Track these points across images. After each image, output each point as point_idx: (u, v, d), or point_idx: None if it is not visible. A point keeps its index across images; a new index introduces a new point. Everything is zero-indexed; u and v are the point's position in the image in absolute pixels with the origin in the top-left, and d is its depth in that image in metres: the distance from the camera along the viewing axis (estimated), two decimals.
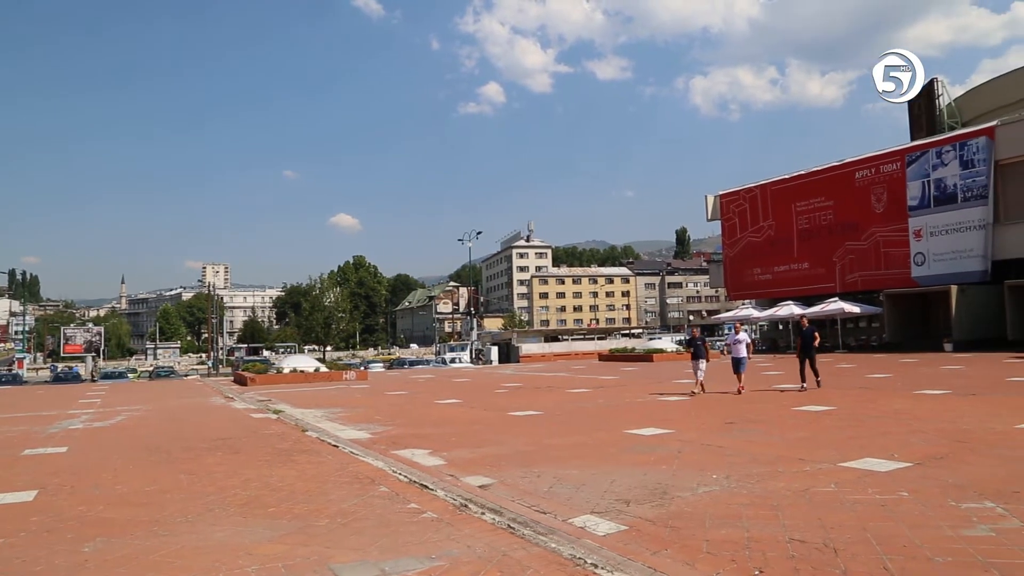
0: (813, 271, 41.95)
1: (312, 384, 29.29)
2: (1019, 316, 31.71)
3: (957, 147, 35.14)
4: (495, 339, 67.06)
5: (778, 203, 44.18)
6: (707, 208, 50.30)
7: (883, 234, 37.97)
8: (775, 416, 12.49)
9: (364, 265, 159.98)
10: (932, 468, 7.43)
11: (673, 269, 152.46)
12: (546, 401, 17.68)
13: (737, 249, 47.46)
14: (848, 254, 39.91)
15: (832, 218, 40.82)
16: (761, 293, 46.68)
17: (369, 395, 22.64)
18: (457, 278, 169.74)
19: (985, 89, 46.86)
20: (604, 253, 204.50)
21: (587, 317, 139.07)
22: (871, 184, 38.73)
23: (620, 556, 5.00)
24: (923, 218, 36.11)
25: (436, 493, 7.37)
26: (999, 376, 18.61)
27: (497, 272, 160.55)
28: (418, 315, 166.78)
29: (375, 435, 12.33)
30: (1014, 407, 12.16)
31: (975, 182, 34.11)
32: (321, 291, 67.92)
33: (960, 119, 45.31)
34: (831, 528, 5.41)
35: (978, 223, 33.93)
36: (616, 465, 8.44)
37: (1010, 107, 40.96)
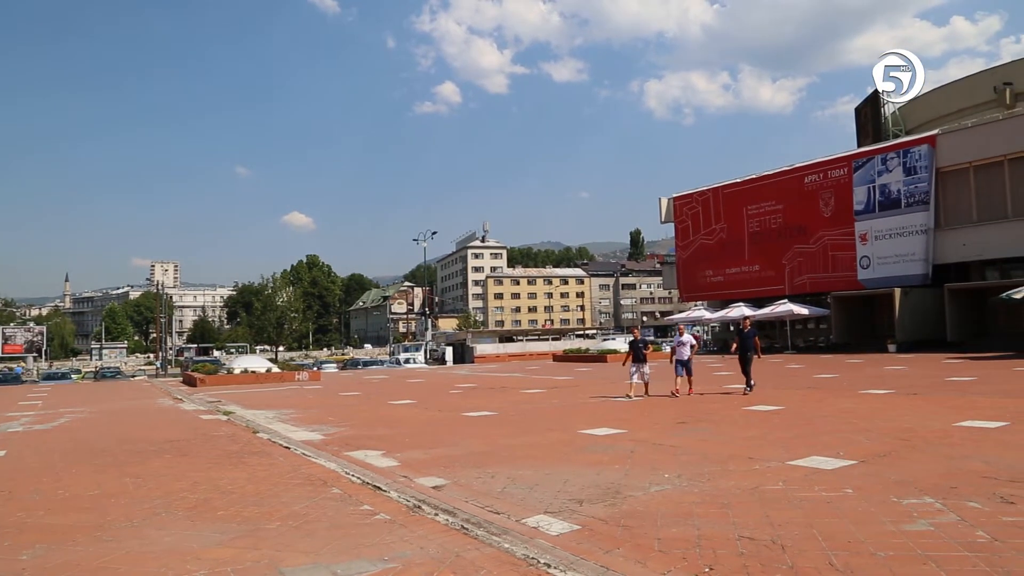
0: (763, 273, 42.74)
1: (264, 385, 28.84)
2: (958, 318, 32.74)
3: (901, 154, 36.16)
4: (450, 339, 66.89)
5: (730, 206, 44.91)
6: (661, 210, 50.90)
7: (831, 238, 38.87)
8: (726, 416, 12.69)
9: (318, 264, 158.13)
10: (876, 466, 7.63)
11: (627, 270, 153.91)
12: (500, 402, 17.69)
13: (690, 251, 48.11)
14: (797, 257, 40.77)
15: (782, 221, 41.65)
16: (713, 295, 47.40)
17: (322, 396, 22.37)
18: (412, 278, 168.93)
19: (927, 99, 48.34)
20: (559, 254, 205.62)
21: (542, 318, 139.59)
22: (819, 189, 39.62)
23: (573, 555, 5.03)
24: (868, 222, 37.07)
25: (389, 495, 7.32)
26: (939, 376, 19.19)
27: (452, 272, 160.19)
28: (372, 315, 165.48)
29: (328, 436, 12.20)
30: (953, 406, 12.55)
31: (917, 188, 35.14)
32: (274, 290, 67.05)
33: (904, 127, 46.65)
34: (779, 525, 5.52)
35: (920, 228, 34.96)
36: (570, 465, 8.49)
37: (950, 116, 42.34)
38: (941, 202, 34.67)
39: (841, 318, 37.77)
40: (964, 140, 34.44)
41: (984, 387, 16.04)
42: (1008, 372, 19.56)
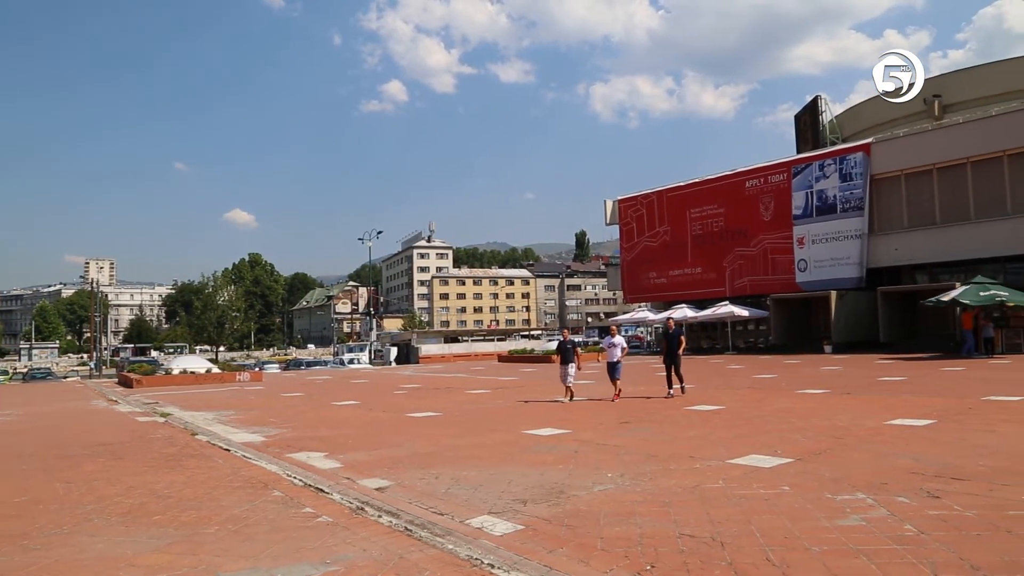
0: (705, 275, 43.50)
1: (203, 386, 28.20)
2: (890, 320, 33.83)
3: (837, 161, 37.22)
4: (395, 340, 66.48)
5: (674, 209, 45.60)
6: (606, 212, 51.38)
7: (770, 241, 39.78)
8: (668, 415, 12.89)
9: (260, 263, 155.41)
10: (811, 463, 7.84)
11: (572, 271, 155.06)
12: (445, 402, 17.64)
13: (634, 253, 48.69)
14: (738, 259, 41.61)
15: (723, 225, 42.45)
16: (656, 296, 48.05)
17: (264, 397, 21.99)
18: (357, 278, 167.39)
19: (862, 108, 49.91)
20: (505, 255, 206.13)
21: (487, 318, 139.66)
22: (760, 193, 40.52)
23: (516, 555, 5.05)
24: (806, 227, 38.05)
25: (332, 496, 7.24)
26: (872, 376, 19.81)
27: (398, 272, 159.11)
28: (316, 315, 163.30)
29: (269, 438, 12.00)
30: (884, 405, 12.97)
31: (853, 194, 36.22)
32: (214, 289, 65.48)
33: (840, 135, 48.04)
34: (719, 522, 5.63)
35: (855, 233, 36.04)
36: (514, 465, 8.51)
37: (884, 126, 43.78)
38: (875, 208, 35.80)
39: (780, 320, 38.68)
40: (896, 149, 35.66)
41: (913, 387, 16.62)
42: (936, 372, 20.31)
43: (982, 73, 43.35)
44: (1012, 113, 32.11)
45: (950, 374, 19.50)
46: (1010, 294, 26.14)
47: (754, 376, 21.89)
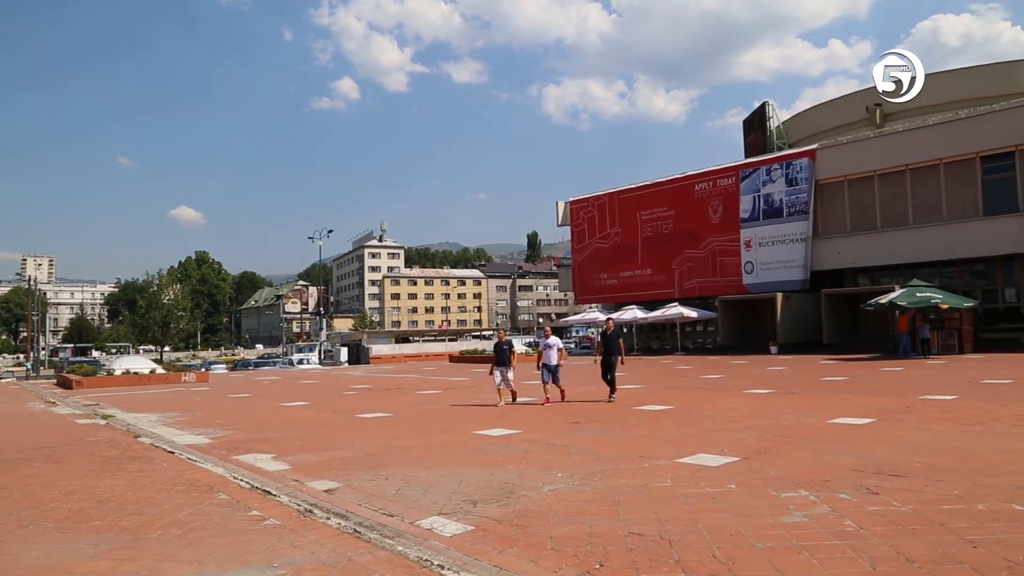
0: (655, 277, 44.03)
1: (147, 387, 27.52)
2: (833, 322, 34.69)
3: (784, 166, 38.05)
4: (345, 340, 65.79)
5: (625, 211, 46.05)
6: (558, 213, 51.67)
7: (718, 243, 40.46)
8: (618, 415, 13.01)
9: (207, 261, 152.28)
10: (757, 462, 8.00)
11: (524, 272, 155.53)
12: (395, 403, 17.53)
13: (585, 254, 49.05)
14: (687, 261, 42.22)
15: (673, 227, 43.02)
16: (607, 297, 48.47)
17: (210, 398, 21.57)
18: (307, 277, 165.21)
19: (808, 115, 51.18)
20: (457, 255, 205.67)
21: (439, 318, 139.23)
22: (709, 196, 41.18)
23: (466, 556, 5.05)
24: (753, 230, 38.80)
25: (279, 499, 7.13)
26: (815, 376, 20.30)
27: (348, 272, 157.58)
28: (265, 314, 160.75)
29: (215, 440, 11.77)
30: (827, 404, 13.30)
31: (798, 199, 37.07)
32: (159, 287, 64.05)
33: (787, 140, 49.15)
34: (667, 521, 5.71)
35: (800, 236, 36.88)
36: (464, 466, 8.51)
37: (828, 132, 44.92)
38: (819, 212, 36.67)
39: (727, 321, 39.37)
40: (840, 155, 36.59)
41: (855, 386, 17.08)
42: (876, 373, 20.90)
43: None
44: (948, 123, 33.25)
45: (889, 374, 20.09)
46: (944, 296, 27.05)
47: (702, 376, 22.23)
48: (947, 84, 42.19)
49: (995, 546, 4.74)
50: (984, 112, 32.63)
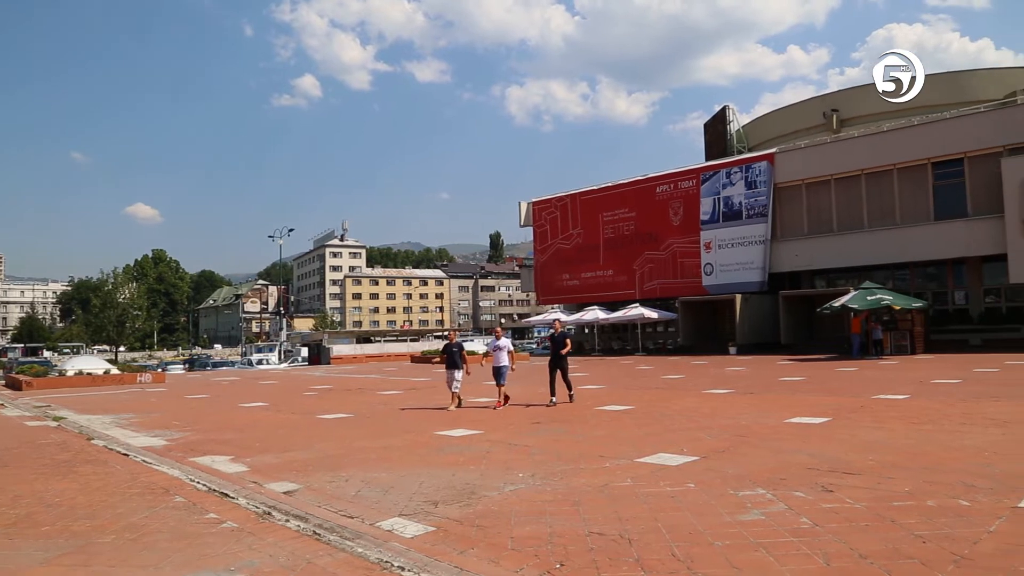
0: (617, 278, 44.35)
1: (101, 388, 26.92)
2: (791, 323, 35.31)
3: (744, 169, 38.63)
4: (305, 340, 65.11)
5: (587, 212, 46.31)
6: (520, 214, 51.76)
7: (679, 245, 40.91)
8: (578, 415, 13.08)
9: (164, 259, 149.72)
10: (716, 461, 8.11)
11: (486, 272, 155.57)
12: (356, 403, 17.40)
13: (548, 255, 49.21)
14: (648, 263, 42.60)
15: (634, 228, 43.38)
16: (569, 298, 48.70)
17: (166, 399, 21.18)
18: (267, 276, 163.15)
19: (767, 119, 51.99)
20: (419, 255, 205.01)
21: (400, 319, 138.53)
22: (670, 198, 41.61)
23: (427, 557, 5.03)
24: (713, 232, 39.31)
25: (237, 501, 7.04)
26: (773, 377, 20.63)
27: (309, 271, 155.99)
28: (223, 314, 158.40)
29: (171, 442, 11.56)
30: (784, 404, 13.53)
31: (757, 201, 37.65)
32: (115, 286, 62.62)
33: (747, 144, 49.87)
34: (627, 520, 5.75)
35: (759, 238, 37.47)
36: (425, 467, 8.48)
37: (787, 137, 45.70)
38: (777, 215, 37.31)
39: (688, 322, 39.81)
40: (797, 159, 37.27)
41: (811, 387, 17.40)
42: (832, 373, 21.31)
43: (874, 91, 45.69)
44: (901, 129, 34.12)
45: (844, 374, 20.49)
46: (895, 298, 27.71)
47: (663, 377, 22.44)
48: None
49: (943, 541, 4.87)
50: (935, 120, 33.52)
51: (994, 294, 32.64)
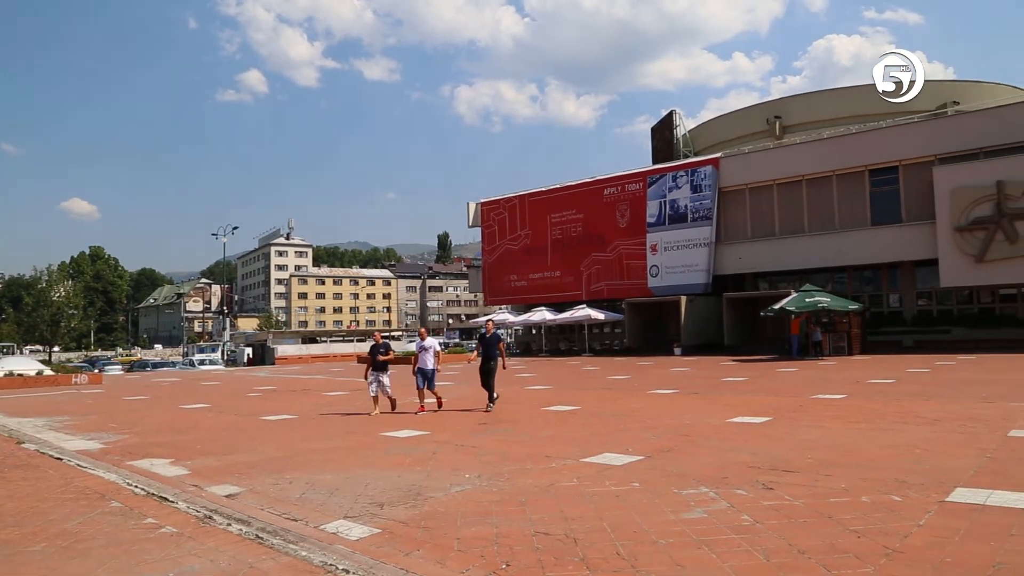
0: (564, 279, 44.63)
1: (33, 390, 26.02)
2: (734, 324, 36.03)
3: (689, 173, 39.27)
4: (249, 340, 64.03)
5: (535, 214, 46.50)
6: (468, 215, 51.69)
7: (625, 247, 41.37)
8: (526, 416, 13.13)
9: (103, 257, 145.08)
10: (660, 460, 8.23)
11: (434, 273, 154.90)
12: (301, 404, 17.17)
13: (496, 256, 49.27)
14: (595, 264, 42.97)
15: (582, 230, 43.72)
16: (517, 299, 48.83)
17: (103, 400, 20.57)
18: (210, 275, 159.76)
19: (712, 124, 53.01)
20: (366, 254, 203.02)
21: (347, 319, 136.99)
22: (617, 201, 42.05)
23: (372, 559, 4.99)
24: (659, 234, 39.86)
25: (177, 505, 6.87)
26: (717, 377, 21.01)
27: (254, 270, 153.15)
28: (165, 313, 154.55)
29: (108, 445, 11.23)
30: (727, 404, 13.80)
31: (702, 205, 38.32)
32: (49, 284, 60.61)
33: (693, 148, 50.70)
34: (573, 520, 5.80)
35: (704, 241, 38.13)
36: (371, 468, 8.41)
37: (731, 142, 46.64)
38: (722, 219, 38.03)
39: (634, 323, 40.29)
40: (742, 164, 38.09)
41: (753, 387, 17.78)
42: (773, 373, 21.80)
43: (816, 99, 47.17)
44: (840, 137, 35.16)
45: (785, 375, 20.99)
46: (832, 300, 28.52)
47: (609, 377, 22.66)
48: (840, 101, 44.59)
49: (876, 535, 5.04)
50: (872, 128, 34.67)
51: (926, 297, 33.87)
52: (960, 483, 6.43)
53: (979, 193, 29.23)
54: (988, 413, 10.95)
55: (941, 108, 36.90)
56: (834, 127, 39.16)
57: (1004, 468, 7.08)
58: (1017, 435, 8.85)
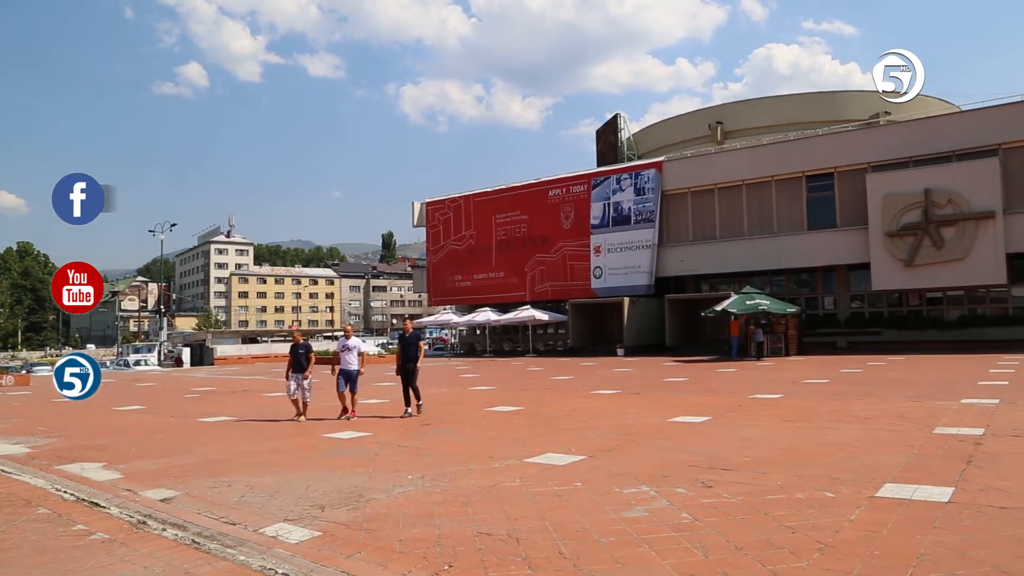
0: (508, 280, 44.73)
1: None
2: (675, 325, 36.62)
3: (633, 176, 39.77)
4: (187, 340, 62.45)
5: (480, 214, 46.49)
6: (413, 214, 51.41)
7: (569, 248, 41.68)
8: (469, 417, 13.12)
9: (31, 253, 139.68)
10: (602, 460, 8.31)
11: (378, 272, 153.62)
12: (241, 406, 16.83)
13: (440, 256, 49.10)
14: (539, 265, 43.18)
15: (526, 231, 43.88)
16: (461, 299, 48.75)
17: (31, 403, 19.84)
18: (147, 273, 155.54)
19: (656, 128, 53.85)
20: (309, 253, 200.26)
21: (289, 319, 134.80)
22: (562, 203, 42.33)
23: (313, 563, 4.93)
24: (603, 236, 40.27)
25: (109, 511, 6.66)
26: (658, 377, 21.32)
27: (193, 268, 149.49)
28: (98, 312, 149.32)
29: (36, 449, 10.83)
30: (668, 404, 14.01)
31: (645, 207, 38.85)
32: None
33: (636, 151, 51.42)
34: (515, 520, 5.81)
35: (646, 243, 38.66)
36: (312, 470, 8.29)
37: (674, 146, 47.46)
38: (664, 221, 38.62)
39: (577, 324, 40.62)
40: (684, 168, 38.76)
41: (693, 387, 18.10)
42: (713, 374, 22.22)
43: (755, 106, 48.37)
44: (779, 143, 36.15)
45: (724, 375, 21.42)
46: (771, 303, 29.26)
47: (552, 377, 22.78)
48: (779, 108, 45.84)
49: (810, 531, 5.18)
50: (809, 136, 35.70)
51: (859, 300, 35.01)
52: (889, 479, 6.66)
53: (908, 200, 30.36)
54: (915, 412, 11.36)
55: (874, 118, 38.18)
56: (773, 133, 40.20)
57: (929, 464, 7.36)
58: (942, 432, 9.21)
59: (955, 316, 32.45)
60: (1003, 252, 28.66)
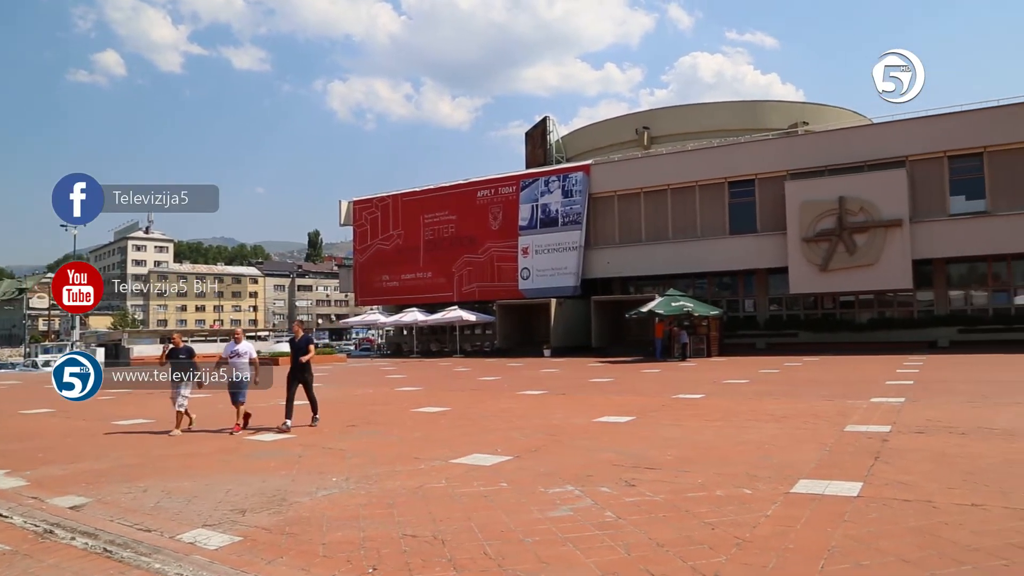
0: (436, 280, 44.56)
1: None
2: (601, 326, 37.16)
3: (561, 178, 40.17)
4: (102, 339, 60.14)
5: (408, 214, 46.16)
6: (340, 213, 50.65)
7: (497, 249, 41.80)
8: (395, 417, 13.02)
9: None
10: (528, 460, 8.36)
11: (304, 271, 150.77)
12: (157, 408, 16.23)
13: (367, 255, 48.54)
14: (467, 266, 43.16)
15: (454, 232, 43.80)
16: (388, 299, 48.30)
17: None
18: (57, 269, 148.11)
19: (584, 132, 54.50)
20: (232, 251, 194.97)
21: (211, 318, 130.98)
22: (490, 204, 42.41)
23: (233, 569, 4.80)
24: (530, 237, 40.53)
25: (12, 520, 6.34)
26: (584, 378, 21.57)
27: (109, 265, 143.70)
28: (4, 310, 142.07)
29: None
30: (593, 404, 14.19)
31: (573, 210, 39.28)
32: None
33: (565, 154, 51.91)
34: (441, 521, 5.79)
35: (573, 245, 39.09)
36: (233, 473, 8.09)
37: (602, 150, 48.14)
38: (591, 224, 39.13)
39: (505, 325, 40.75)
40: (611, 172, 39.37)
41: (619, 387, 18.39)
42: (638, 374, 22.62)
43: (681, 112, 49.54)
44: (703, 150, 37.11)
45: (648, 376, 21.82)
46: (695, 305, 30.00)
47: (479, 378, 22.80)
48: (703, 115, 47.06)
49: (729, 527, 5.33)
50: (732, 143, 36.74)
51: (777, 303, 36.21)
52: (803, 475, 6.91)
53: (824, 207, 31.59)
54: (828, 410, 11.81)
55: (793, 127, 39.60)
56: (698, 140, 41.20)
57: (840, 460, 7.67)
58: (852, 430, 9.60)
59: (866, 319, 33.89)
60: (910, 258, 30.15)
